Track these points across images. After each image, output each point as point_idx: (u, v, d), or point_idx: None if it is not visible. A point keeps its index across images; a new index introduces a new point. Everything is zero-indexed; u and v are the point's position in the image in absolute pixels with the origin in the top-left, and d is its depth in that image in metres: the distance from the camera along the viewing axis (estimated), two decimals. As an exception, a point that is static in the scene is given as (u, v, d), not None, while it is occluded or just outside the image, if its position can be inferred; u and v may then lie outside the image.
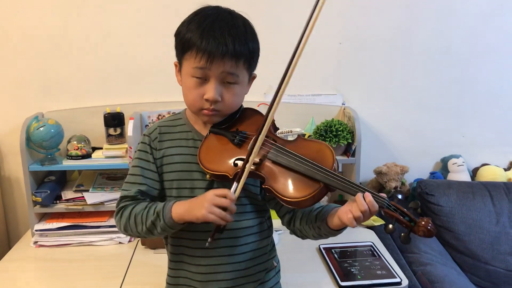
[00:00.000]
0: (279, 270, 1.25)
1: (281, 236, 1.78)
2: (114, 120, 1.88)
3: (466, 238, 1.93)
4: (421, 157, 2.26)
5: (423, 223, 0.95)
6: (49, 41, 1.96)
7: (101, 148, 1.91)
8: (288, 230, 1.19)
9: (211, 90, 1.02)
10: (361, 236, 1.82)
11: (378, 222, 1.89)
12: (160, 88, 2.01)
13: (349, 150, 1.96)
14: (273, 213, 1.20)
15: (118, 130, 1.90)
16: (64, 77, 2.00)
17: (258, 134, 1.00)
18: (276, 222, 1.22)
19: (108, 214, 1.83)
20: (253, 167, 1.01)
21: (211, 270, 1.11)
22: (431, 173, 2.24)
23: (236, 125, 1.11)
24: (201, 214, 0.96)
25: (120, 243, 1.80)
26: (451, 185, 2.03)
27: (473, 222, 1.94)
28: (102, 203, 1.81)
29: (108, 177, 1.96)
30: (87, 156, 1.87)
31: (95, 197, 1.81)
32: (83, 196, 1.82)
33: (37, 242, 1.79)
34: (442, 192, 1.98)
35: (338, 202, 2.06)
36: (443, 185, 2.02)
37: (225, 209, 0.95)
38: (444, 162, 2.23)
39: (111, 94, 2.02)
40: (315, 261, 1.67)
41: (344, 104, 2.12)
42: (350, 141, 1.93)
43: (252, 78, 1.11)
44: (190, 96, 1.05)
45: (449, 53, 2.15)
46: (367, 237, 1.82)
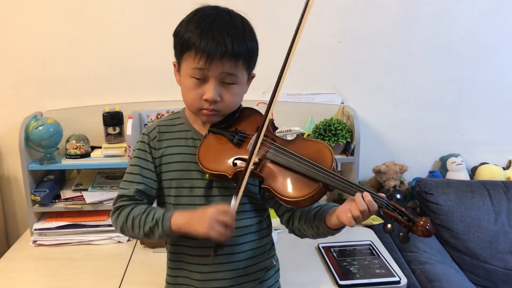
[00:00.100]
0: (278, 269, 1.25)
1: (280, 235, 1.78)
2: (113, 119, 1.88)
3: (464, 237, 1.93)
4: (420, 156, 2.26)
5: (421, 223, 0.95)
6: (48, 40, 1.96)
7: (100, 147, 1.90)
8: (287, 229, 1.19)
9: (210, 90, 1.02)
10: (360, 235, 1.82)
11: (377, 221, 1.89)
12: (159, 87, 2.01)
13: (348, 149, 1.96)
14: (272, 212, 1.20)
15: (117, 129, 1.90)
16: (63, 76, 2.00)
17: (257, 140, 1.00)
18: (275, 221, 1.23)
19: (107, 213, 1.82)
20: (252, 167, 1.01)
21: (210, 269, 1.11)
22: (430, 172, 2.24)
23: (235, 124, 1.11)
24: (202, 231, 0.96)
25: (119, 242, 1.80)
26: (450, 184, 2.03)
27: (472, 221, 1.94)
28: (101, 202, 1.81)
29: (107, 176, 1.96)
30: (86, 155, 1.87)
31: (94, 196, 1.81)
32: (82, 195, 1.82)
33: (36, 241, 1.79)
34: (441, 191, 1.98)
35: (337, 201, 2.07)
36: (442, 184, 2.02)
37: (226, 225, 0.96)
38: (443, 161, 2.23)
39: (110, 93, 2.02)
40: (314, 260, 1.67)
41: (343, 103, 2.12)
42: (349, 140, 1.93)
43: (251, 77, 1.11)
44: (189, 97, 1.05)
45: (448, 52, 2.14)
46: (366, 236, 1.82)
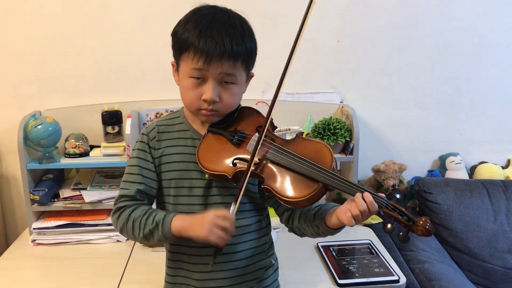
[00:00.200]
0: (278, 268, 1.25)
1: (279, 234, 1.78)
2: (112, 118, 1.88)
3: (463, 236, 1.93)
4: (419, 155, 2.26)
5: (421, 222, 0.95)
6: (47, 39, 1.95)
7: (99, 146, 1.90)
8: (286, 228, 1.19)
9: (209, 91, 1.01)
10: (359, 234, 1.82)
11: (376, 220, 1.89)
12: (158, 86, 2.01)
13: (347, 148, 1.96)
14: (271, 211, 1.20)
15: (116, 128, 1.89)
16: (62, 75, 1.99)
17: (258, 141, 1.00)
18: (274, 220, 1.23)
19: (106, 212, 1.82)
20: (253, 167, 1.01)
21: (209, 269, 1.11)
22: (429, 171, 2.24)
23: (234, 124, 1.10)
24: (202, 236, 0.97)
25: (118, 241, 1.80)
26: (449, 183, 2.03)
27: (471, 220, 1.94)
28: (100, 201, 1.80)
29: (106, 175, 1.96)
30: (85, 154, 1.86)
31: (93, 195, 1.81)
32: (81, 195, 1.82)
33: (35, 240, 1.79)
34: (440, 190, 1.99)
35: (336, 200, 2.07)
36: (441, 183, 2.02)
37: (225, 230, 0.96)
38: (442, 160, 2.23)
39: (109, 92, 2.01)
40: (313, 259, 1.67)
41: (342, 102, 2.12)
42: (348, 139, 1.93)
43: (249, 77, 1.11)
44: (188, 97, 1.05)
45: (447, 51, 2.14)
46: (365, 235, 1.82)
